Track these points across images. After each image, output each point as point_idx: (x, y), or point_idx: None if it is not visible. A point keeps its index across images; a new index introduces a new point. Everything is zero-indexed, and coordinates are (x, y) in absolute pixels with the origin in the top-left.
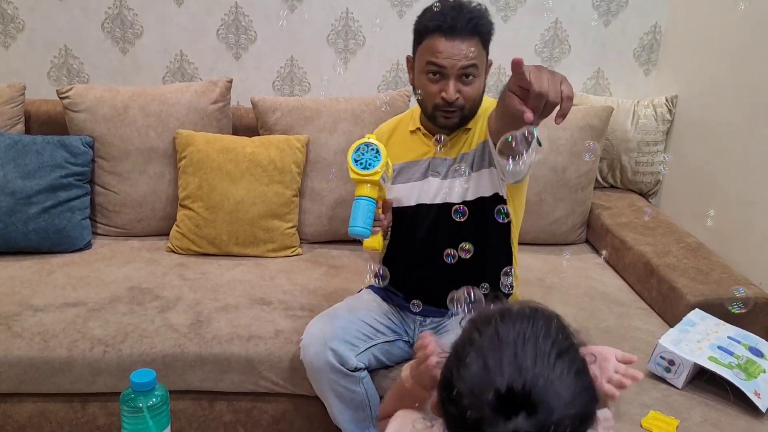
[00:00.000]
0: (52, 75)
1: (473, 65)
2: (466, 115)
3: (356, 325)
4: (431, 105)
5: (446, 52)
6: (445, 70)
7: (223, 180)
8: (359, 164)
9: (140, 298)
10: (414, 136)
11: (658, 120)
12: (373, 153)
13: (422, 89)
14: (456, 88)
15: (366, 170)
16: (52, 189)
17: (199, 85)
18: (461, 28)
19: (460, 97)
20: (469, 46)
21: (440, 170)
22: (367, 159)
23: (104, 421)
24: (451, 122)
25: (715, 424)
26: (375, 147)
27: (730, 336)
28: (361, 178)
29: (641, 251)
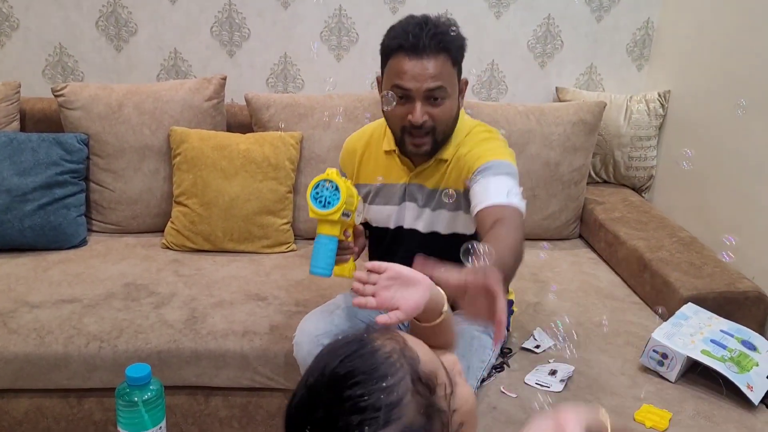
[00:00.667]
0: (47, 73)
1: (440, 87)
2: (437, 140)
3: (350, 321)
4: (399, 128)
5: (410, 73)
6: (410, 92)
7: (218, 177)
8: (318, 202)
9: (135, 294)
10: (389, 158)
11: (650, 115)
12: (332, 190)
13: (389, 113)
14: (423, 111)
15: (325, 209)
16: (48, 186)
17: (193, 83)
18: (425, 45)
19: (429, 119)
20: (435, 66)
21: (417, 197)
22: (326, 197)
23: (100, 416)
24: (422, 150)
25: (708, 417)
26: (334, 184)
27: (723, 329)
28: (321, 217)
29: (634, 246)
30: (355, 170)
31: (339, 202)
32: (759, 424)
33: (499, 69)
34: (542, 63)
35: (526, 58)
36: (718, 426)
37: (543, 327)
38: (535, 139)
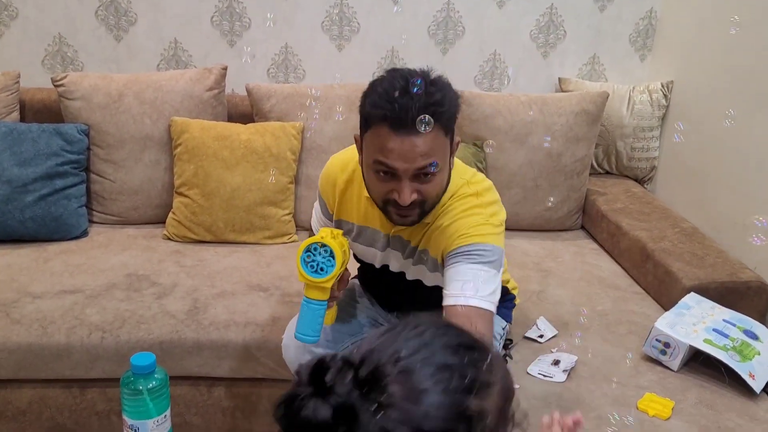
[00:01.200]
0: (46, 63)
1: (431, 164)
2: (426, 211)
3: (338, 322)
4: (381, 201)
5: (396, 152)
6: (398, 171)
7: (219, 167)
8: (310, 267)
9: (137, 285)
10: (370, 206)
11: (653, 106)
12: (326, 255)
13: (370, 184)
14: (411, 189)
15: (318, 277)
16: (48, 177)
17: (194, 73)
18: (414, 119)
19: (417, 196)
20: (425, 142)
21: (400, 249)
22: (319, 262)
23: (103, 406)
24: (408, 221)
25: (710, 406)
26: (329, 249)
27: (725, 319)
28: (312, 284)
29: (637, 236)
30: (335, 203)
31: (334, 270)
32: (761, 413)
33: (501, 59)
34: (545, 53)
35: (528, 48)
36: (720, 414)
37: (546, 316)
38: (538, 130)
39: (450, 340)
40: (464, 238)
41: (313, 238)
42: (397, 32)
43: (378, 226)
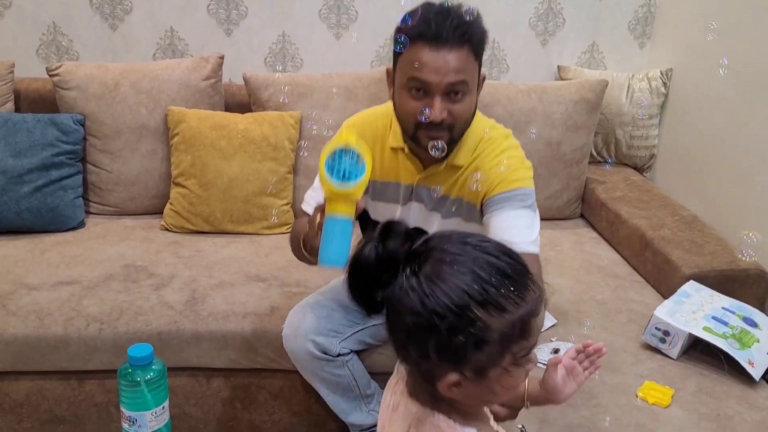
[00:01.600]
0: (41, 53)
1: (462, 81)
2: (455, 138)
3: (340, 312)
4: (413, 124)
5: (431, 65)
6: (430, 86)
7: (216, 157)
8: (336, 174)
9: (135, 276)
10: (395, 156)
11: (653, 94)
12: (353, 161)
13: (402, 106)
14: (442, 106)
15: (345, 184)
16: (44, 168)
17: (190, 62)
18: (448, 36)
19: (448, 116)
20: (458, 58)
21: (425, 200)
22: (346, 168)
23: (101, 398)
24: (440, 144)
25: (709, 393)
26: (355, 153)
27: (724, 306)
28: (340, 193)
29: (636, 225)
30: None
31: (364, 176)
32: (760, 400)
33: (501, 48)
34: (544, 41)
35: (527, 36)
36: (719, 402)
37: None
38: (537, 118)
39: (496, 261)
40: (507, 183)
41: (334, 142)
42: (395, 20)
43: (401, 178)
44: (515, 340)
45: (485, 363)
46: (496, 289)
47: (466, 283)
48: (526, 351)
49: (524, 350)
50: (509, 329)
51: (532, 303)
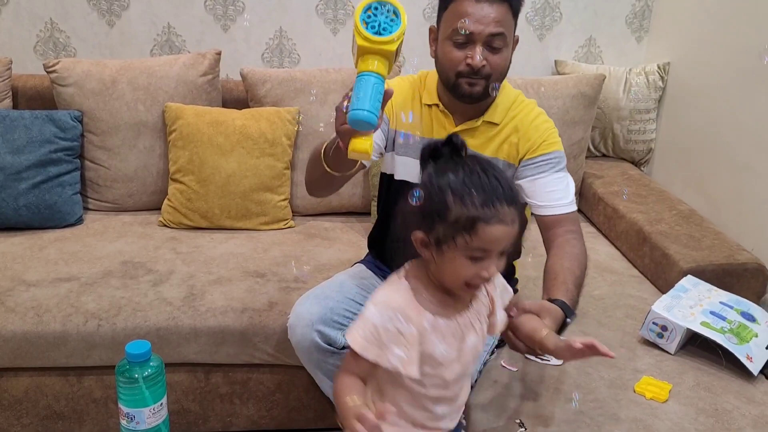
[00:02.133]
0: (38, 49)
1: (501, 34)
2: (489, 89)
3: (345, 303)
4: (454, 73)
5: (475, 15)
6: (472, 36)
7: (214, 153)
8: (371, 28)
9: (133, 272)
10: (429, 112)
11: (650, 88)
12: (388, 15)
13: (445, 56)
14: (483, 54)
15: (380, 36)
16: (42, 164)
17: (188, 58)
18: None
19: (486, 65)
20: (498, 11)
21: None
22: (381, 22)
23: (100, 394)
24: (476, 90)
25: (707, 388)
26: (392, 8)
27: (722, 301)
28: (373, 46)
29: (633, 219)
30: (391, 113)
31: (399, 29)
32: (758, 395)
33: None
34: (541, 35)
35: (524, 30)
36: (717, 397)
37: None
38: None
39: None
40: (546, 146)
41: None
42: None
43: (435, 133)
44: (461, 232)
45: (441, 236)
46: (468, 190)
47: (457, 179)
48: (470, 248)
49: (468, 246)
50: (462, 219)
51: (487, 214)
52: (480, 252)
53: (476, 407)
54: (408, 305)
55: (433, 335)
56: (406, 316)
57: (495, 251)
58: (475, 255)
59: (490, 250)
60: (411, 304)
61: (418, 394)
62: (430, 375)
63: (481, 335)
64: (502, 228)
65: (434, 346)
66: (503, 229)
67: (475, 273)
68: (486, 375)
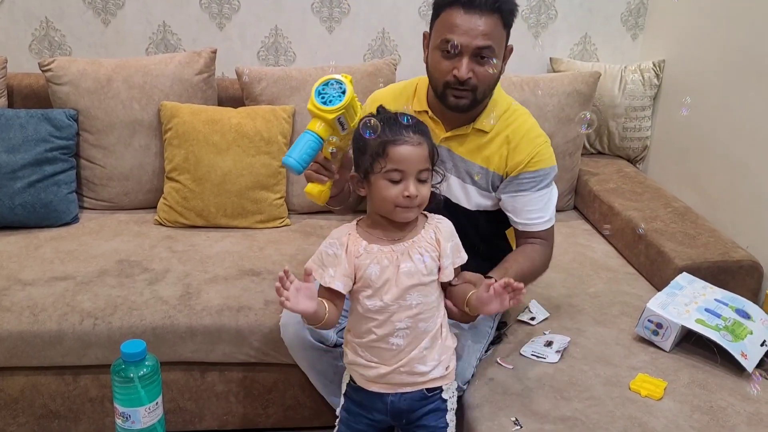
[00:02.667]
0: (33, 48)
1: (489, 47)
2: (477, 99)
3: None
4: (442, 83)
5: (462, 27)
6: (460, 48)
7: (210, 151)
8: (321, 98)
9: (129, 271)
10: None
11: (645, 85)
12: (338, 92)
13: (434, 66)
14: (469, 67)
15: (324, 105)
16: (38, 163)
17: (183, 56)
18: (481, 2)
19: (473, 77)
20: (487, 24)
21: (446, 162)
22: (330, 95)
23: (96, 393)
24: (462, 102)
25: (702, 386)
26: (343, 87)
27: (717, 298)
28: (316, 112)
29: (629, 216)
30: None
31: (341, 103)
32: (753, 392)
33: None
34: (536, 33)
35: (519, 28)
36: (712, 394)
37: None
38: (530, 110)
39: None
40: (534, 163)
41: (330, 75)
42: (387, 13)
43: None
44: (377, 158)
45: (366, 168)
46: (380, 124)
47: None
48: (387, 171)
49: (385, 168)
50: (375, 147)
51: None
52: (396, 173)
53: (472, 405)
54: (345, 235)
55: (367, 258)
56: (341, 242)
57: (409, 172)
58: (393, 177)
59: (404, 171)
60: (350, 234)
61: (366, 318)
62: (371, 296)
63: (421, 267)
64: (408, 148)
65: (368, 268)
66: (410, 149)
67: (397, 193)
68: (481, 372)
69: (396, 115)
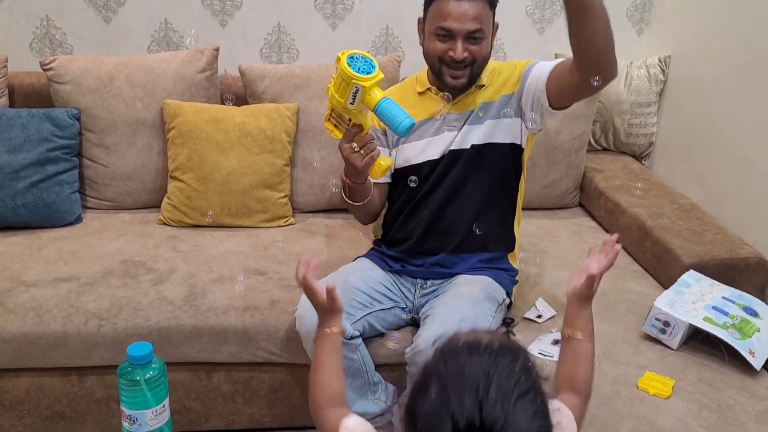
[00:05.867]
0: (34, 46)
1: (479, 29)
2: (474, 74)
3: (351, 293)
4: (437, 61)
5: (453, 15)
6: (453, 32)
7: (213, 150)
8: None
9: (133, 271)
10: (424, 97)
11: (651, 81)
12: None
13: (430, 49)
14: (463, 47)
15: (370, 74)
16: (40, 163)
17: (186, 54)
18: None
19: (468, 55)
20: (476, 9)
21: (456, 124)
22: (360, 66)
23: (102, 394)
24: (459, 83)
25: (710, 384)
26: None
27: (724, 296)
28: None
29: (635, 214)
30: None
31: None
32: (761, 390)
33: (498, 35)
34: (541, 29)
35: (524, 23)
36: (720, 392)
37: (544, 297)
38: None
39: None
40: (523, 63)
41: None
42: (391, 11)
43: (434, 111)
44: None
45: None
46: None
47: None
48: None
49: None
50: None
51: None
52: (442, 30)
53: None
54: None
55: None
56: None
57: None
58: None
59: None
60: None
61: None
62: None
63: None
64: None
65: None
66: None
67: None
68: None
69: None
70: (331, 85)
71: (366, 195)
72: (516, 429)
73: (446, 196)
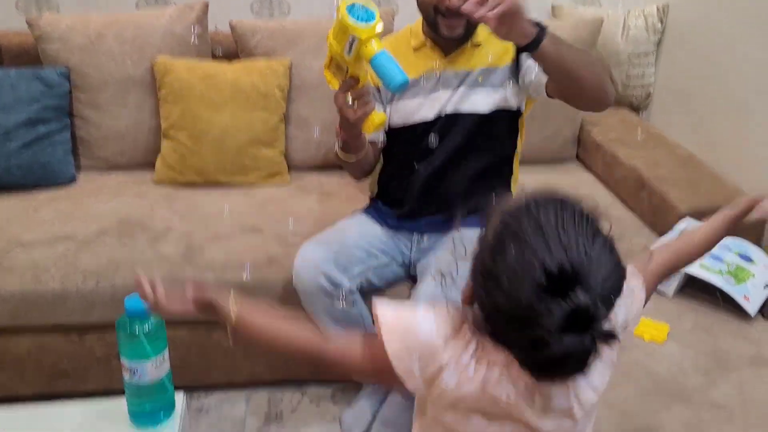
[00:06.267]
0: (20, 5)
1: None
2: (472, 24)
3: (348, 249)
4: (432, 10)
5: None
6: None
7: (206, 108)
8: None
9: (130, 230)
10: (419, 53)
11: (648, 30)
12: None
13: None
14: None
15: (368, 23)
16: (31, 123)
17: (175, 10)
18: None
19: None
20: None
21: (451, 82)
22: (360, 16)
23: (102, 351)
24: (456, 33)
25: (705, 329)
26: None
27: (720, 243)
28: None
29: (632, 165)
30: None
31: (377, 15)
32: (756, 333)
33: None
34: None
35: None
36: (715, 337)
37: None
38: None
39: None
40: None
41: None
42: None
43: (429, 68)
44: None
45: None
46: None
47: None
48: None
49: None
50: None
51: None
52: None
53: None
54: None
55: None
56: None
57: None
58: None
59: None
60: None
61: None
62: None
63: None
64: None
65: None
66: None
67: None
68: None
69: None
70: (331, 32)
71: (360, 149)
72: (599, 264)
73: (442, 163)
